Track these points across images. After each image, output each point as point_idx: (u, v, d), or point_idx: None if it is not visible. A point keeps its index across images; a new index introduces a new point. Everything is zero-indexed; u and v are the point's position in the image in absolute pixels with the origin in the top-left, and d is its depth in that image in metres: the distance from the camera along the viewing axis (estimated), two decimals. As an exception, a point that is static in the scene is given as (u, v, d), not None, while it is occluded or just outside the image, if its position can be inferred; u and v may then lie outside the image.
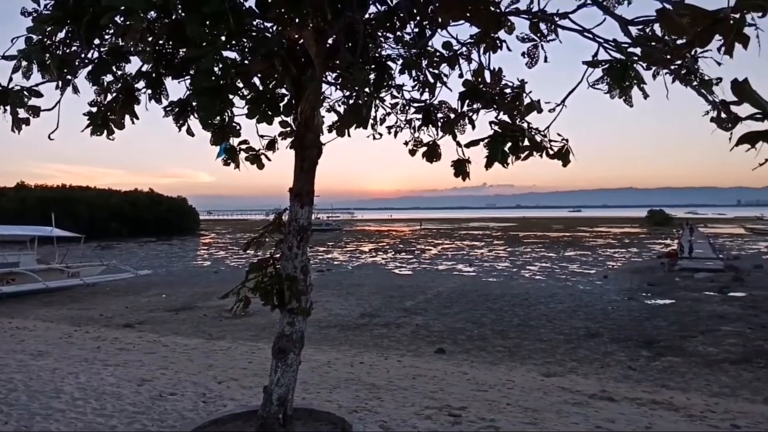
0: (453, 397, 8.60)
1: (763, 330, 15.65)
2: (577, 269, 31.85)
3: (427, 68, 4.92)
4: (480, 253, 42.89)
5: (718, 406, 9.05)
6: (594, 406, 8.46)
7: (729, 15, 2.05)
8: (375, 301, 20.73)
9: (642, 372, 11.69)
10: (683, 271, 29.05)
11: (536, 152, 4.19)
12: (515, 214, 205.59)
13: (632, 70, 3.09)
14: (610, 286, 24.82)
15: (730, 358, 12.78)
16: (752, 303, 20.07)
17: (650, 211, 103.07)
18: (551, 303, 20.19)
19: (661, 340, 14.44)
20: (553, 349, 13.62)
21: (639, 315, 18.01)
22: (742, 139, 2.17)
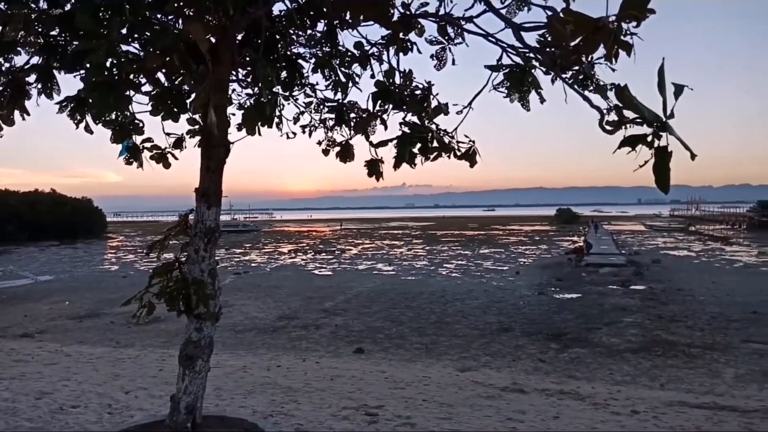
0: (370, 396, 8.63)
1: (661, 320, 16.76)
2: (491, 266, 32.87)
3: (339, 68, 4.91)
4: (399, 253, 43.39)
5: (620, 394, 9.60)
6: (506, 399, 8.75)
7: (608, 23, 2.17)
8: (294, 302, 20.49)
9: (551, 364, 12.23)
10: (589, 266, 30.62)
11: (445, 153, 4.27)
12: (433, 213, 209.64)
13: (530, 75, 3.19)
14: (521, 281, 25.79)
15: (631, 347, 13.60)
16: (651, 295, 21.46)
17: (559, 209, 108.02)
18: (467, 299, 20.72)
19: (569, 333, 15.16)
20: (468, 344, 13.99)
21: (548, 309, 18.82)
22: (624, 142, 2.30)
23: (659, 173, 2.17)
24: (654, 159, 2.19)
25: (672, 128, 2.14)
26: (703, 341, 14.17)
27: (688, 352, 13.13)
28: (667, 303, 19.74)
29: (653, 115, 2.19)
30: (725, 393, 10.18)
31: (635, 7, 2.14)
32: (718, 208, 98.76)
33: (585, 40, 2.26)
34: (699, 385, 10.75)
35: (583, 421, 7.65)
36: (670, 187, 2.20)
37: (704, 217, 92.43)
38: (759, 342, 14.02)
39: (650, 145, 2.22)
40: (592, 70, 3.78)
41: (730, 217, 78.84)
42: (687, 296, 21.15)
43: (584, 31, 2.26)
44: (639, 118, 2.24)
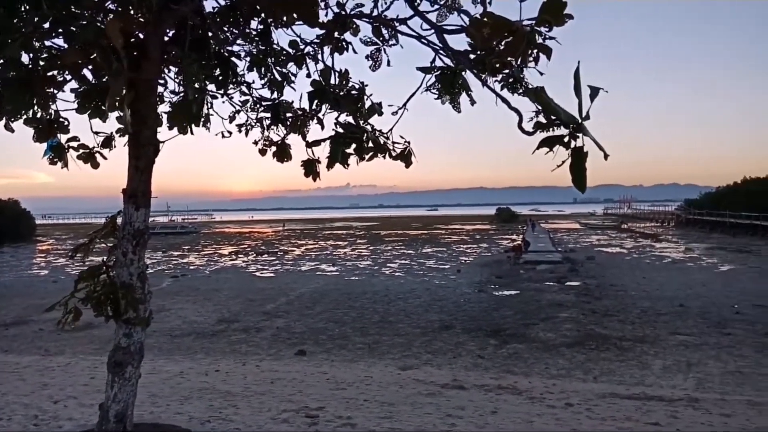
0: (311, 398, 8.58)
1: (594, 315, 17.39)
2: (433, 265, 33.25)
3: (274, 66, 4.85)
4: (343, 253, 43.30)
5: (555, 387, 9.89)
6: (446, 396, 8.87)
7: (521, 27, 2.24)
8: (234, 305, 20.12)
9: (490, 360, 12.49)
10: (527, 263, 31.45)
11: (380, 154, 4.30)
12: (377, 213, 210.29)
13: (461, 77, 3.25)
14: (462, 279, 26.21)
15: (566, 342, 14.04)
16: (585, 291, 22.23)
17: (499, 208, 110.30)
18: (409, 298, 20.90)
19: (507, 329, 15.52)
20: (410, 342, 14.11)
21: (488, 306, 19.21)
22: (542, 143, 2.38)
23: (575, 173, 2.25)
24: (570, 159, 2.27)
25: (587, 129, 2.23)
26: (634, 334, 14.78)
27: (620, 345, 13.67)
28: (600, 298, 20.49)
29: (569, 116, 2.27)
30: (654, 383, 10.67)
31: (551, 12, 2.22)
32: (649, 207, 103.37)
33: (506, 44, 2.32)
34: (630, 376, 11.22)
35: (519, 415, 7.85)
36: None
37: (636, 215, 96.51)
38: (685, 334, 14.75)
39: (567, 146, 2.30)
40: (521, 74, 3.88)
41: (660, 215, 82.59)
42: (619, 291, 22.02)
43: (499, 35, 2.33)
44: (556, 120, 2.32)
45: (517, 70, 3.76)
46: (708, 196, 69.35)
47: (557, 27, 2.33)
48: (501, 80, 3.86)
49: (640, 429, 7.35)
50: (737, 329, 15.14)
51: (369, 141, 4.29)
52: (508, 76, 3.83)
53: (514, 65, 3.61)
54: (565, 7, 2.22)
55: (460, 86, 3.30)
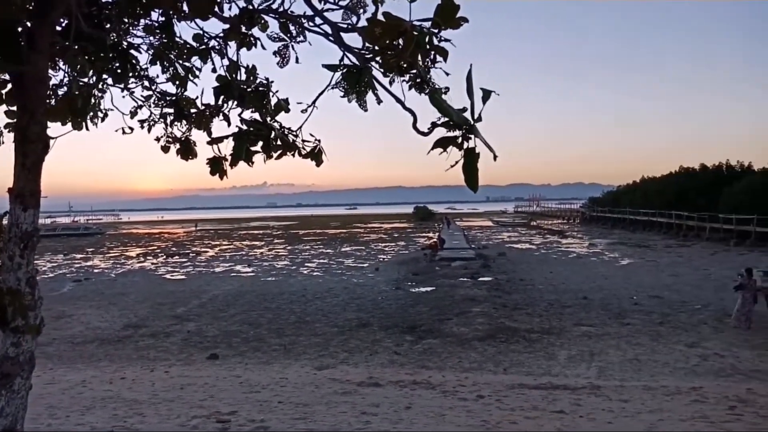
0: (223, 403, 8.37)
1: (505, 309, 18.02)
2: (352, 264, 33.31)
3: (177, 60, 4.68)
4: (260, 253, 42.50)
5: (468, 380, 10.18)
6: (361, 393, 8.92)
7: (410, 28, 2.28)
8: (142, 310, 19.26)
9: (405, 356, 12.67)
10: (442, 260, 32.14)
11: (289, 152, 4.23)
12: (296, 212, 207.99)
13: (367, 75, 3.25)
14: (380, 277, 26.42)
15: (478, 335, 14.46)
16: (497, 286, 23.00)
17: (416, 207, 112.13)
18: (327, 298, 20.82)
19: (423, 325, 15.80)
20: (327, 342, 14.07)
21: (405, 303, 19.48)
22: (437, 143, 2.44)
23: (468, 173, 2.32)
24: (463, 159, 2.33)
25: (478, 131, 2.30)
26: (541, 326, 15.45)
27: (528, 337, 14.25)
28: (510, 292, 21.27)
29: (462, 118, 2.34)
30: (559, 373, 11.20)
31: (444, 15, 2.27)
32: (556, 205, 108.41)
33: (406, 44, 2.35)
34: (537, 367, 11.71)
35: (433, 409, 8.02)
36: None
37: (544, 212, 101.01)
38: (588, 325, 15.59)
39: (460, 147, 2.36)
40: (428, 74, 3.94)
41: (566, 213, 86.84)
42: (528, 286, 22.95)
43: (390, 35, 2.36)
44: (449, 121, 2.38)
45: (423, 71, 3.82)
46: (610, 194, 73.63)
47: (453, 30, 2.40)
48: (408, 80, 3.91)
49: (546, 417, 7.70)
50: (635, 319, 16.17)
51: (277, 139, 4.21)
52: (416, 76, 3.88)
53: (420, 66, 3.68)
54: (457, 11, 2.28)
55: (366, 84, 3.30)
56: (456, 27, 2.41)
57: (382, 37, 2.42)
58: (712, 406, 8.36)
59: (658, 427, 7.24)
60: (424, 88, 4.09)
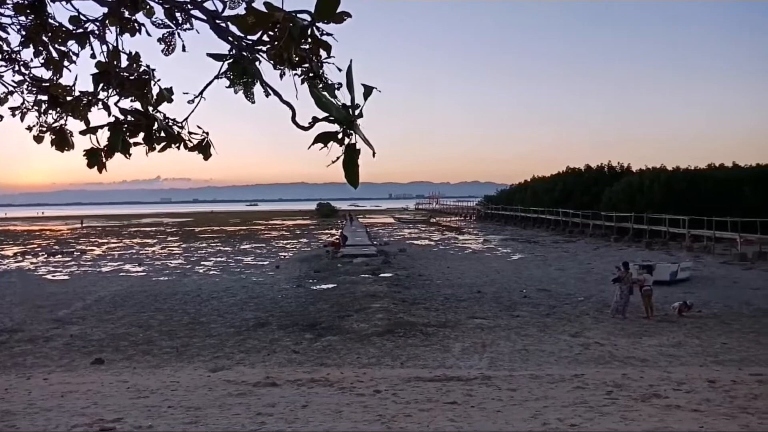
0: (108, 410, 7.91)
1: (404, 304, 18.34)
2: (251, 262, 32.59)
3: (51, 43, 4.34)
4: (152, 251, 40.53)
5: (365, 376, 10.25)
6: (257, 394, 8.74)
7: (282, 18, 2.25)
8: (18, 313, 17.76)
9: (304, 354, 12.56)
10: (345, 257, 32.21)
11: (174, 144, 4.05)
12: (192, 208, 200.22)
13: (254, 66, 3.16)
14: (281, 275, 26.04)
15: (377, 331, 14.61)
16: (397, 281, 23.39)
17: (319, 204, 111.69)
18: (224, 297, 20.23)
19: (323, 322, 15.74)
20: (222, 343, 13.66)
21: (305, 300, 19.32)
22: (317, 139, 2.41)
23: (348, 169, 2.31)
24: (343, 156, 2.32)
25: (358, 127, 2.30)
26: (437, 320, 15.88)
27: (425, 331, 14.58)
28: (410, 288, 21.71)
29: (342, 114, 2.33)
30: (453, 365, 11.55)
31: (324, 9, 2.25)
32: (454, 202, 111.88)
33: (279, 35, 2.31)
34: (433, 360, 12.01)
35: (330, 406, 8.00)
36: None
37: (443, 210, 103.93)
38: (481, 318, 16.21)
39: (340, 143, 2.35)
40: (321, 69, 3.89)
41: (463, 210, 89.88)
42: (426, 281, 23.53)
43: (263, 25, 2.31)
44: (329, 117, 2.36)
45: (316, 65, 3.77)
46: (503, 193, 77.13)
47: (336, 24, 2.38)
48: (301, 74, 3.85)
49: (440, 409, 7.91)
50: (524, 311, 17.02)
51: (161, 130, 4.01)
52: (308, 70, 3.83)
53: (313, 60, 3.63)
54: (338, 5, 2.27)
55: (253, 76, 3.21)
56: (338, 21, 2.39)
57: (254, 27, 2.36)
58: (592, 392, 8.95)
59: (543, 414, 7.65)
60: (316, 82, 4.06)
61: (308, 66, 3.97)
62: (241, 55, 3.20)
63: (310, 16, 2.36)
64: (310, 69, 4.01)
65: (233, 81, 3.22)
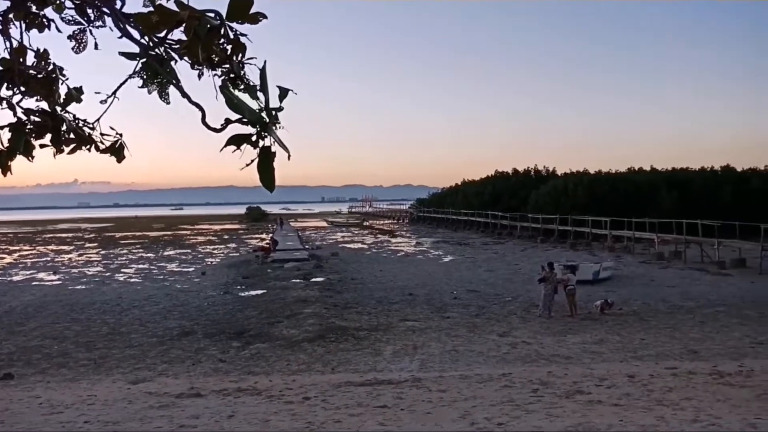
0: (18, 428, 7.40)
1: (336, 308, 18.22)
2: (176, 268, 31.50)
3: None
4: (68, 259, 38.44)
5: (295, 383, 10.06)
6: (180, 406, 8.39)
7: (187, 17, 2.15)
8: None
9: (231, 363, 12.21)
10: (275, 262, 31.69)
11: (84, 146, 3.81)
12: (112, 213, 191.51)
13: (168, 66, 3.01)
14: (207, 282, 25.30)
15: (308, 337, 14.42)
16: (329, 286, 23.20)
17: (249, 207, 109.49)
18: (146, 306, 19.42)
19: (251, 329, 15.38)
20: (144, 353, 13.09)
21: (233, 307, 18.83)
22: (230, 141, 2.32)
23: (263, 172, 2.23)
24: (258, 159, 2.24)
25: (273, 130, 2.22)
26: (369, 324, 15.85)
27: (356, 335, 14.52)
28: (342, 292, 21.58)
29: (256, 116, 2.24)
30: (384, 368, 11.55)
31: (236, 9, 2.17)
32: (387, 205, 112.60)
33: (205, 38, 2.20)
34: (364, 364, 11.96)
35: (257, 415, 7.78)
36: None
37: (376, 213, 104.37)
38: (413, 320, 16.32)
39: (255, 145, 2.27)
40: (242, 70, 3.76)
41: (396, 213, 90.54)
42: (359, 284, 23.47)
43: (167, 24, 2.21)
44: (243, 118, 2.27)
45: (237, 66, 3.64)
46: (435, 196, 78.33)
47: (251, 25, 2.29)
48: (221, 75, 3.71)
49: (370, 413, 7.85)
50: (455, 312, 17.27)
51: (70, 132, 3.76)
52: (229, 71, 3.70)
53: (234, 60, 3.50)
54: (251, 6, 2.19)
55: (168, 76, 3.05)
56: (253, 22, 2.30)
57: (158, 26, 2.24)
58: (518, 390, 9.15)
59: (471, 413, 7.74)
60: (237, 84, 3.92)
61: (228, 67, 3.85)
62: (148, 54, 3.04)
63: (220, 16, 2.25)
64: (231, 70, 3.88)
65: (146, 81, 3.06)
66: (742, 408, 7.96)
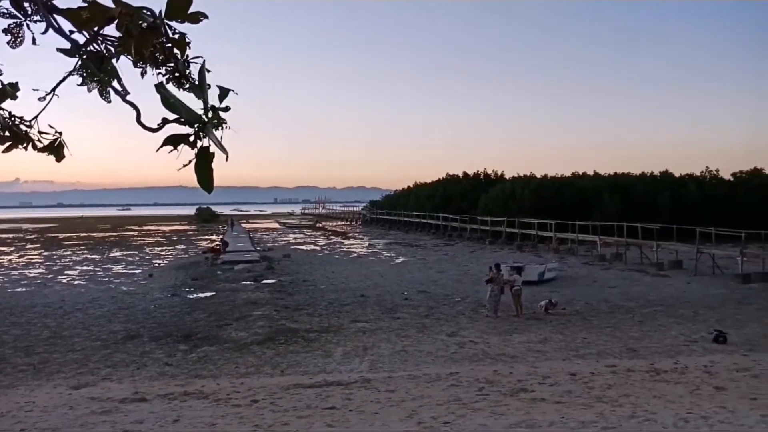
0: (-54, 439, 7.09)
1: (286, 310, 18.10)
2: (122, 270, 30.63)
3: None
4: (7, 261, 36.84)
5: (243, 386, 9.98)
6: (123, 411, 8.23)
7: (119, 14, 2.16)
8: None
9: (178, 366, 11.99)
10: (225, 264, 31.20)
11: (20, 145, 3.72)
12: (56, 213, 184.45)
13: (109, 63, 2.98)
14: (155, 284, 24.70)
15: (257, 339, 14.30)
16: (280, 288, 23.01)
17: (199, 208, 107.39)
18: (90, 309, 18.83)
19: (199, 332, 15.13)
20: (87, 358, 12.71)
21: (181, 310, 18.47)
22: (166, 141, 2.33)
23: (200, 173, 2.25)
24: (196, 159, 2.26)
25: (211, 130, 2.25)
26: (320, 325, 15.82)
27: (307, 337, 14.48)
28: (293, 294, 21.45)
29: (194, 115, 2.26)
30: (334, 370, 11.56)
31: (174, 8, 2.18)
32: (340, 207, 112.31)
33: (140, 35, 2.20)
34: (314, 366, 11.94)
35: (203, 419, 7.71)
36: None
37: (329, 214, 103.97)
38: (363, 321, 16.37)
39: (192, 146, 2.28)
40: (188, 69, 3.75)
41: (349, 215, 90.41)
42: (310, 286, 23.36)
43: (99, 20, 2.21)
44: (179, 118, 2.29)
45: (182, 64, 3.63)
46: (388, 198, 78.66)
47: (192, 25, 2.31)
48: (165, 73, 3.69)
49: (318, 415, 7.88)
50: (405, 313, 17.42)
51: (4, 130, 3.67)
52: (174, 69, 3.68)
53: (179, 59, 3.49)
54: (189, 5, 2.20)
55: (109, 73, 3.02)
56: (193, 21, 2.32)
57: (89, 22, 2.23)
58: (465, 389, 9.34)
59: (418, 413, 7.87)
60: (183, 83, 3.90)
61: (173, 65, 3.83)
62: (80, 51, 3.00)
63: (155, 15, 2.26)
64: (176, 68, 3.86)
65: (86, 79, 3.02)
66: (676, 404, 8.36)
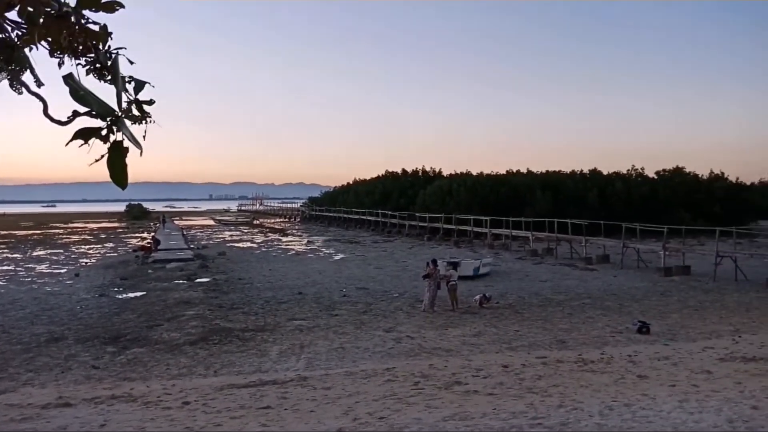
0: None
1: (221, 309, 17.71)
2: (45, 270, 29.16)
3: None
4: None
5: (174, 388, 9.70)
6: (46, 417, 7.85)
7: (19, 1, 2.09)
8: None
9: (105, 369, 11.53)
10: (156, 262, 30.21)
11: None
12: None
13: (21, 53, 2.82)
14: (81, 284, 23.65)
15: (190, 339, 13.93)
16: (214, 286, 22.48)
17: (129, 205, 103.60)
18: (11, 310, 17.84)
19: (128, 333, 14.60)
20: (6, 362, 12.03)
21: (109, 311, 17.76)
22: (77, 135, 2.24)
23: (113, 168, 2.18)
24: (108, 154, 2.18)
25: (124, 124, 2.18)
26: (256, 324, 15.58)
27: (242, 336, 14.23)
28: (228, 292, 21.02)
29: (107, 109, 2.19)
30: (270, 369, 11.41)
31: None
32: (279, 203, 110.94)
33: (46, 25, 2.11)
34: (249, 365, 11.74)
35: (132, 423, 7.45)
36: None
37: (267, 211, 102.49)
38: (301, 319, 16.23)
39: (105, 140, 2.21)
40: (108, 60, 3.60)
41: (288, 212, 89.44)
42: (246, 284, 22.96)
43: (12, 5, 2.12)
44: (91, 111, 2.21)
45: (104, 55, 3.48)
46: (327, 194, 78.30)
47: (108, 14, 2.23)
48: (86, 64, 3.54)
49: (252, 415, 7.76)
50: (343, 310, 17.39)
51: None
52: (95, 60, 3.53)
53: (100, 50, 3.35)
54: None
55: (20, 63, 2.86)
56: (109, 11, 2.24)
57: None
58: (401, 384, 9.43)
59: (354, 409, 7.87)
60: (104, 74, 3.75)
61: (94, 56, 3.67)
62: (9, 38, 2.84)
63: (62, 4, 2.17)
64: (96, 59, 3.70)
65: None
66: (602, 392, 8.72)
